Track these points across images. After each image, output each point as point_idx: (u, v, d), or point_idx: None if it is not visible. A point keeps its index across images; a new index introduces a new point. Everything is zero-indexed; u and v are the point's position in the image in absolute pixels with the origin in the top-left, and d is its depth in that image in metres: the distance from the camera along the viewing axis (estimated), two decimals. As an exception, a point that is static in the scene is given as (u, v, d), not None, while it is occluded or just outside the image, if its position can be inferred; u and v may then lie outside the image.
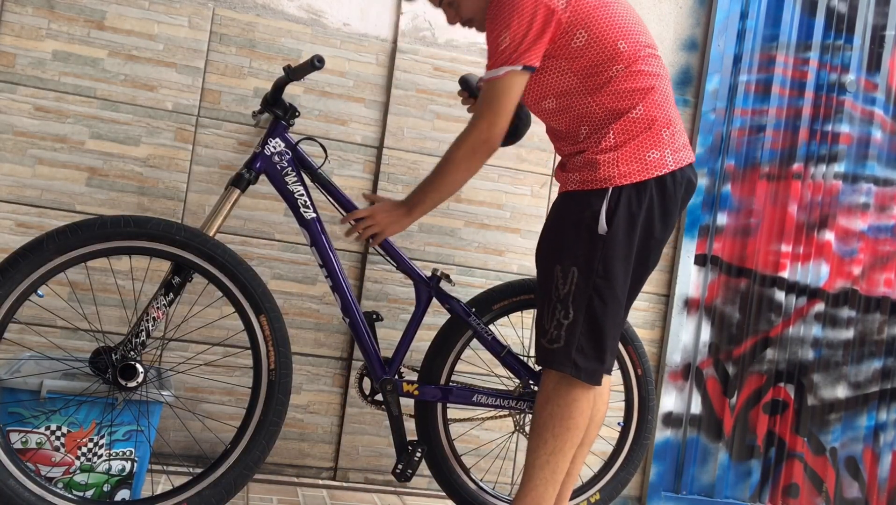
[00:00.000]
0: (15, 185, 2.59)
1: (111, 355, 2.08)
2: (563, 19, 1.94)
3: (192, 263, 2.10)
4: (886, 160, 3.30)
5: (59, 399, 2.12)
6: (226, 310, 2.30)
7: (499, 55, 1.97)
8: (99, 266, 2.55)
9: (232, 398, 2.71)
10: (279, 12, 2.78)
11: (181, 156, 2.70)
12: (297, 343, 2.77)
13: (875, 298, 3.32)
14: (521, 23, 1.92)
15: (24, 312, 2.11)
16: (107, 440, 2.17)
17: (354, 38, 2.83)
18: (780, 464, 3.25)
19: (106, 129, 2.65)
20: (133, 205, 2.66)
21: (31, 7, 2.58)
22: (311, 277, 2.80)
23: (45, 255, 1.98)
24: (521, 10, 1.92)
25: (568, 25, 1.95)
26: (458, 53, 2.91)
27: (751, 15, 3.15)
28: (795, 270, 3.23)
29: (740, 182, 3.17)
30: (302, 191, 2.29)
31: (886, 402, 3.34)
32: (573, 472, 2.26)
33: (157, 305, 2.13)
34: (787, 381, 3.24)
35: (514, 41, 1.94)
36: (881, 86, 3.28)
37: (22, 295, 1.99)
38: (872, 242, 3.31)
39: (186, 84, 2.70)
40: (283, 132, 2.32)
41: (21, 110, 2.59)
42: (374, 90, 2.85)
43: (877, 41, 3.27)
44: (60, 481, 2.14)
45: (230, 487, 2.09)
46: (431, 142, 2.89)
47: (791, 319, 3.23)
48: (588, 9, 1.96)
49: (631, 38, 1.99)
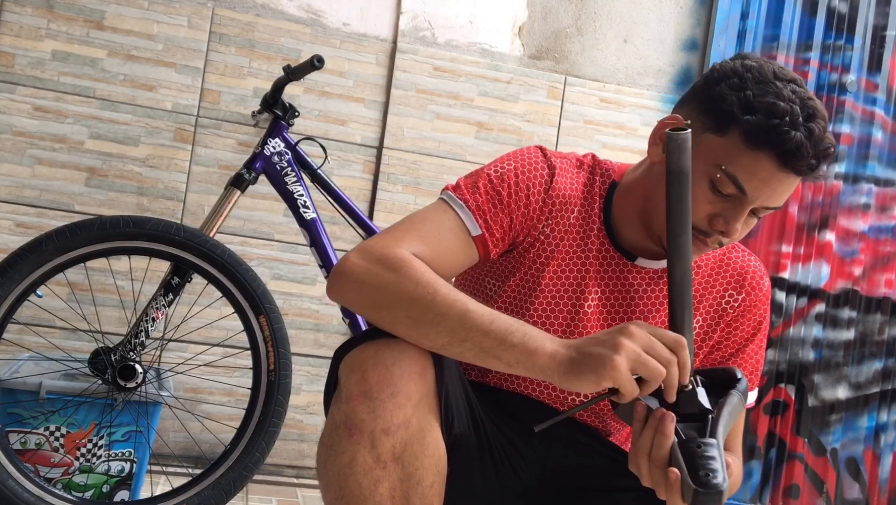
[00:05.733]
0: (14, 186, 2.59)
1: (110, 356, 2.08)
2: None
3: (191, 264, 2.10)
4: (887, 161, 3.30)
5: (58, 400, 2.12)
6: (225, 310, 2.29)
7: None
8: (98, 266, 2.55)
9: (231, 399, 2.71)
10: (279, 12, 2.77)
11: (180, 156, 2.69)
12: (296, 344, 2.76)
13: (876, 298, 3.31)
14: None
15: (22, 312, 2.11)
16: (106, 441, 2.17)
17: (354, 37, 2.83)
18: (780, 465, 3.24)
19: (105, 129, 2.64)
20: (132, 205, 2.66)
21: (30, 7, 2.58)
22: (310, 277, 2.79)
23: (44, 255, 1.97)
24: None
25: None
26: (458, 53, 2.91)
27: (751, 15, 3.14)
28: (796, 271, 3.23)
29: (741, 182, 3.17)
30: (302, 191, 2.28)
31: (887, 403, 3.34)
32: None
33: (157, 306, 2.13)
34: (788, 381, 3.24)
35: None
36: (882, 86, 3.28)
37: (21, 295, 1.98)
38: (873, 243, 3.31)
39: (186, 84, 2.69)
40: (283, 132, 2.32)
41: (20, 110, 2.58)
42: (373, 90, 2.85)
43: (877, 41, 3.27)
44: (59, 482, 2.13)
45: (229, 488, 2.08)
46: (431, 142, 2.89)
47: (791, 320, 3.23)
48: None
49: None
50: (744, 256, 1.45)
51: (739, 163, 1.21)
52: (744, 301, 1.42)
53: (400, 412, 1.14)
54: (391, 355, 1.16)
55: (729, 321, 1.43)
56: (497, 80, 2.94)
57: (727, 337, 1.44)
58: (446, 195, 1.33)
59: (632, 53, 3.08)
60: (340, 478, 1.15)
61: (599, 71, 3.05)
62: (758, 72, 1.24)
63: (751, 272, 1.44)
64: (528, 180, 1.34)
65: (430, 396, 1.18)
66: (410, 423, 1.15)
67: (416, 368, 1.16)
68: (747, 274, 1.43)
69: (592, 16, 3.05)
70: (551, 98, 3.00)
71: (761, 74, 1.23)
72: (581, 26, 3.04)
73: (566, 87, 3.01)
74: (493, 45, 2.96)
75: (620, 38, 3.08)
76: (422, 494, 1.16)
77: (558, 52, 3.03)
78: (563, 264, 1.37)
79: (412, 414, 1.15)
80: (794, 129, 1.18)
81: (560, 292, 1.37)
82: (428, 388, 1.17)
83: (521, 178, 1.34)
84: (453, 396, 1.22)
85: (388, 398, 1.14)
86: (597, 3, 3.05)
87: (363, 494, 1.14)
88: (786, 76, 1.24)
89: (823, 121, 1.21)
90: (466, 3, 2.93)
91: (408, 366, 1.15)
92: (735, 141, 1.22)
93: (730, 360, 1.44)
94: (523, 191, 1.34)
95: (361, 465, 1.14)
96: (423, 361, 1.17)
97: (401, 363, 1.15)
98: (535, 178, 1.35)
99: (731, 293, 1.42)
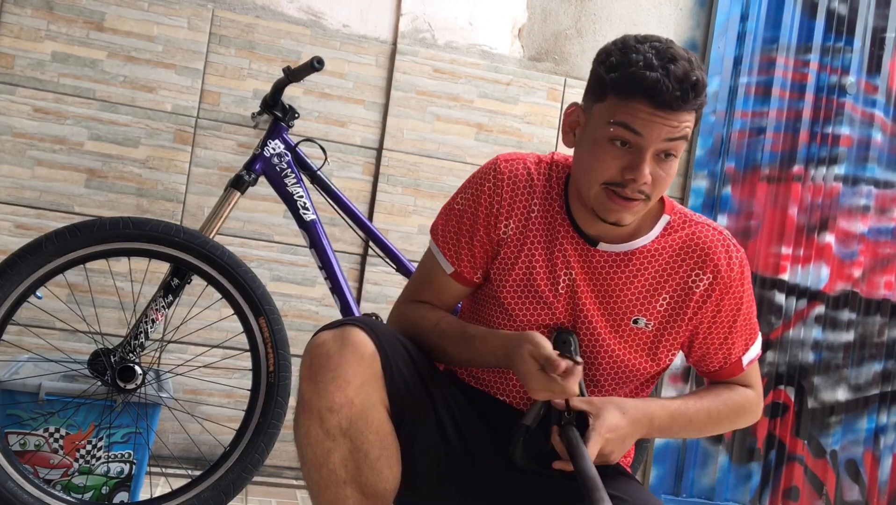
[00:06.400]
0: (14, 187, 2.59)
1: (110, 357, 2.08)
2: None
3: (191, 265, 2.09)
4: (887, 162, 3.30)
5: (57, 401, 2.12)
6: (225, 312, 2.29)
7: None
8: (98, 268, 2.54)
9: (231, 400, 2.71)
10: (279, 14, 2.77)
11: (180, 157, 2.69)
12: (296, 345, 2.75)
13: (875, 300, 3.31)
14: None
15: (22, 313, 2.11)
16: (105, 442, 2.17)
17: (354, 39, 2.83)
18: (780, 467, 3.24)
19: (105, 130, 2.64)
20: (132, 206, 2.66)
21: (30, 8, 2.58)
22: (310, 278, 2.79)
23: (44, 256, 1.97)
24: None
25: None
26: (458, 55, 2.91)
27: (751, 17, 3.14)
28: (796, 273, 3.23)
29: (740, 184, 3.17)
30: (301, 192, 2.28)
31: (887, 404, 3.33)
32: None
33: (156, 307, 2.13)
34: (788, 383, 3.24)
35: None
36: (881, 88, 3.28)
37: (20, 297, 1.98)
38: (873, 245, 3.31)
39: (186, 85, 2.69)
40: (283, 134, 2.32)
41: (20, 112, 2.58)
42: (373, 92, 2.85)
43: (877, 43, 3.27)
44: (59, 483, 2.13)
45: (229, 490, 2.08)
46: (431, 143, 2.89)
47: (791, 322, 3.23)
48: None
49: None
50: (710, 235, 1.52)
51: (622, 112, 1.37)
52: (714, 282, 1.50)
53: (341, 393, 1.34)
54: (335, 345, 1.36)
55: (699, 303, 1.51)
56: (497, 81, 2.95)
57: (713, 321, 1.53)
58: (430, 241, 1.59)
59: (631, 55, 3.08)
60: (302, 447, 1.38)
61: (599, 73, 3.05)
62: (621, 42, 1.42)
63: (717, 251, 1.51)
64: (478, 201, 1.53)
65: (373, 380, 1.37)
66: (353, 402, 1.35)
67: (356, 356, 1.35)
68: (712, 253, 1.51)
69: (592, 17, 3.05)
70: (551, 100, 3.00)
71: (624, 43, 1.41)
72: (581, 28, 3.04)
73: (566, 89, 3.01)
74: (492, 47, 2.96)
75: (620, 39, 3.08)
76: (370, 464, 1.37)
77: (558, 53, 3.03)
78: (533, 249, 1.51)
79: (354, 395, 1.35)
80: (649, 70, 1.33)
81: (530, 276, 1.51)
82: (371, 373, 1.37)
83: (472, 201, 1.53)
84: (399, 379, 1.40)
85: (330, 381, 1.34)
86: (596, 4, 3.05)
87: (318, 461, 1.37)
88: (648, 39, 1.40)
89: (686, 62, 1.35)
90: (466, 5, 2.93)
91: (348, 354, 1.35)
92: (612, 99, 1.39)
93: (726, 340, 1.55)
94: (479, 214, 1.53)
95: (314, 437, 1.36)
96: (364, 349, 1.36)
97: (342, 351, 1.35)
98: (482, 195, 1.53)
99: (697, 273, 1.51)
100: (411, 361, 1.45)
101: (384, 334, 1.42)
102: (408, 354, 1.45)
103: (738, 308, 1.54)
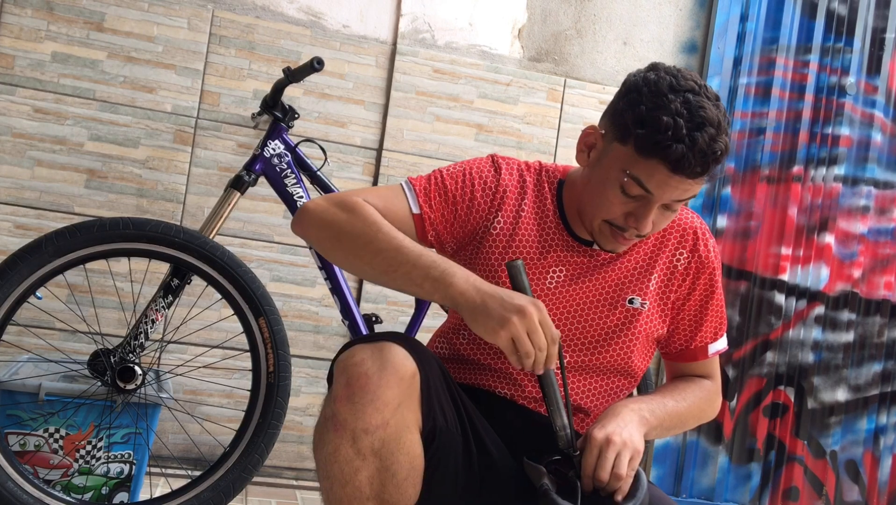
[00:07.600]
0: (14, 187, 2.59)
1: (110, 358, 2.08)
2: None
3: (190, 265, 2.09)
4: (886, 163, 3.30)
5: (57, 401, 2.12)
6: (225, 312, 2.29)
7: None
8: (98, 268, 2.55)
9: (231, 401, 2.71)
10: (279, 14, 2.77)
11: (180, 158, 2.69)
12: (296, 346, 2.76)
13: (875, 300, 3.31)
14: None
15: (22, 314, 2.11)
16: (105, 443, 2.17)
17: (354, 40, 2.83)
18: (780, 467, 3.24)
19: (105, 130, 2.64)
20: (132, 207, 2.66)
21: (30, 9, 2.58)
22: (310, 279, 2.79)
23: (44, 257, 1.97)
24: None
25: None
26: (458, 56, 2.91)
27: (751, 17, 3.15)
28: (795, 273, 3.23)
29: (740, 185, 3.17)
30: (301, 193, 2.28)
31: (886, 405, 3.33)
32: None
33: (156, 308, 2.13)
34: (788, 384, 3.24)
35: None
36: (881, 88, 3.28)
37: (20, 297, 1.98)
38: (872, 245, 3.31)
39: (186, 86, 2.69)
40: (283, 134, 2.32)
41: (20, 112, 2.58)
42: (373, 92, 2.85)
43: (877, 44, 3.27)
44: (59, 484, 2.13)
45: (229, 490, 2.08)
46: (431, 144, 2.89)
47: (791, 322, 3.23)
48: None
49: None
50: (691, 218, 1.61)
51: (639, 168, 1.38)
52: (691, 259, 1.58)
53: (378, 416, 1.29)
54: (375, 364, 1.30)
55: (681, 280, 1.58)
56: (497, 82, 2.95)
57: (687, 298, 1.60)
58: (403, 180, 1.54)
59: (631, 56, 3.08)
60: (327, 463, 1.34)
61: (599, 73, 3.05)
62: (654, 85, 1.39)
63: (697, 232, 1.59)
64: (474, 178, 1.54)
65: (410, 401, 1.33)
66: (389, 424, 1.30)
67: (396, 377, 1.30)
68: (692, 231, 1.59)
69: (592, 18, 3.05)
70: (551, 100, 3.00)
71: (657, 88, 1.38)
72: (581, 28, 3.04)
73: (566, 90, 3.01)
74: (492, 48, 2.96)
75: (620, 40, 3.08)
76: (397, 484, 1.34)
77: (558, 54, 3.03)
78: (522, 247, 1.54)
79: (390, 417, 1.30)
80: (676, 142, 1.33)
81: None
82: (409, 394, 1.32)
83: (467, 175, 1.54)
84: (435, 400, 1.37)
85: (368, 403, 1.29)
86: (596, 5, 3.05)
87: (344, 479, 1.33)
88: (682, 87, 1.37)
89: (714, 128, 1.35)
90: (466, 6, 2.93)
91: (388, 374, 1.29)
92: (632, 150, 1.39)
93: (696, 320, 1.61)
94: (468, 186, 1.53)
95: (344, 455, 1.32)
96: (405, 370, 1.31)
97: (382, 372, 1.29)
98: (482, 176, 1.55)
99: (680, 251, 1.58)
100: (444, 379, 1.42)
101: (422, 353, 1.37)
102: (441, 372, 1.41)
103: (711, 291, 1.60)
